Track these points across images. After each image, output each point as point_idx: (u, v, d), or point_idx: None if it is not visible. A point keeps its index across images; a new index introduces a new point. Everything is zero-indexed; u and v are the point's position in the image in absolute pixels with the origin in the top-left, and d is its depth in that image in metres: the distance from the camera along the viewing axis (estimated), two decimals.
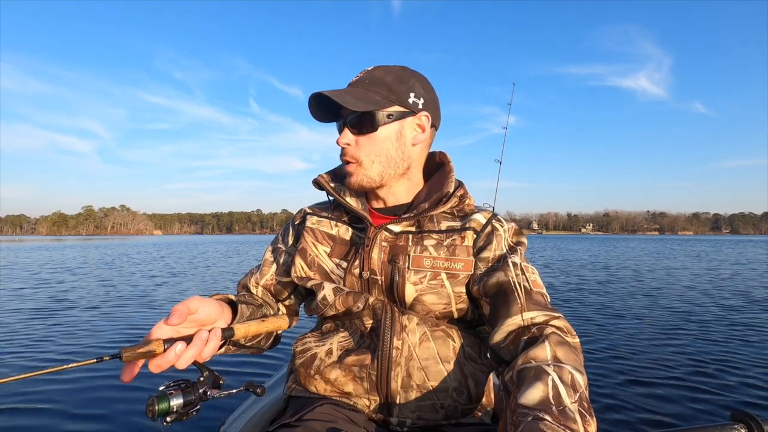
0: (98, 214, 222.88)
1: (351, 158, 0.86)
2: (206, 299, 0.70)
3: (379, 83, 0.84)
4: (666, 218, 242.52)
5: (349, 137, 0.84)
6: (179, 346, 0.61)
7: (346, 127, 0.84)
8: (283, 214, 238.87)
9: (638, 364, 3.37)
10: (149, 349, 0.59)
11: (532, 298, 0.75)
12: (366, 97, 0.82)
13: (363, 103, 0.81)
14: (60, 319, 4.99)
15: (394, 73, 0.86)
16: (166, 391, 0.61)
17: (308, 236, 0.92)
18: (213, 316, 0.70)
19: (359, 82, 0.85)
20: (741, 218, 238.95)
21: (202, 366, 0.65)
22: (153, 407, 0.59)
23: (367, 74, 0.85)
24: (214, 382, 0.64)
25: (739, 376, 3.08)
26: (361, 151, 0.85)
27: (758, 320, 5.03)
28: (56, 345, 3.89)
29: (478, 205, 0.95)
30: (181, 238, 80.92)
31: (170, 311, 0.63)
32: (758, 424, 0.53)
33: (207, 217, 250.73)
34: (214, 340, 0.66)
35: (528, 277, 0.78)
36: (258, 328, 0.75)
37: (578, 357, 0.66)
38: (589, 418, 0.57)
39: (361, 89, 0.84)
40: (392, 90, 0.84)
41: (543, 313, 0.72)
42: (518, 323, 0.72)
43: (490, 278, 0.79)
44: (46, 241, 52.79)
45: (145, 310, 5.67)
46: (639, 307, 5.86)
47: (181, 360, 0.62)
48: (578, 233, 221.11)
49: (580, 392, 0.60)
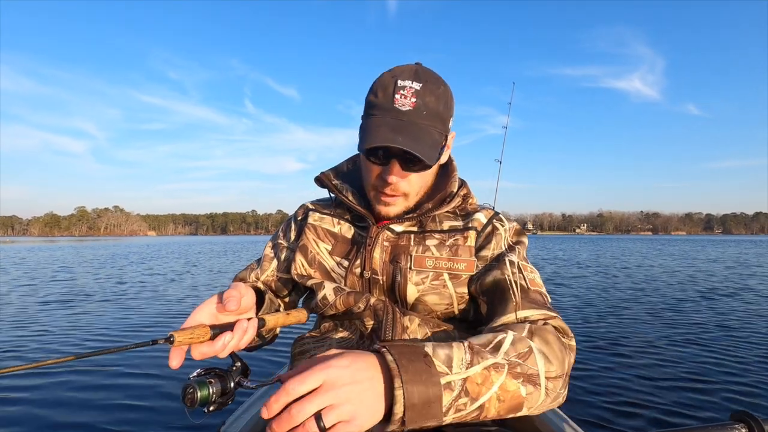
0: (91, 215, 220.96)
1: (400, 193, 0.81)
2: (248, 287, 0.71)
3: (434, 116, 0.78)
4: (659, 218, 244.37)
5: (401, 173, 0.79)
6: (227, 336, 0.61)
7: (398, 164, 0.78)
8: (278, 215, 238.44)
9: (638, 364, 3.37)
10: (199, 335, 0.59)
11: (528, 296, 0.74)
12: (429, 140, 0.77)
13: (429, 149, 0.76)
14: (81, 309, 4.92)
15: (443, 98, 0.80)
16: (205, 378, 0.58)
17: (310, 233, 0.91)
18: (250, 304, 0.71)
19: (414, 114, 0.76)
20: (733, 218, 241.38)
21: (236, 356, 0.64)
22: (193, 395, 0.56)
23: (419, 102, 0.76)
24: (244, 372, 0.63)
25: (739, 376, 3.08)
26: (411, 186, 0.82)
27: (758, 320, 5.03)
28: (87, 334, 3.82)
29: (482, 204, 0.94)
30: (176, 239, 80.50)
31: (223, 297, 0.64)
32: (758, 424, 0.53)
33: (201, 217, 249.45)
34: (252, 330, 0.66)
35: (525, 276, 0.77)
36: (284, 320, 0.76)
37: (558, 349, 0.65)
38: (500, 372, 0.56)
39: (421, 126, 0.77)
40: (444, 122, 0.80)
41: (539, 312, 0.71)
42: (512, 320, 0.71)
43: (487, 276, 0.79)
44: (39, 242, 52.41)
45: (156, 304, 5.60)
46: (638, 308, 5.85)
47: (225, 349, 0.62)
48: (573, 233, 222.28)
49: (521, 362, 0.59)
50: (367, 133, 0.76)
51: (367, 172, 0.84)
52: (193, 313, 0.63)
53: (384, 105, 0.77)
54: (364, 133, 0.77)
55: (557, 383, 0.62)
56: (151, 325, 4.83)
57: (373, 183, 0.83)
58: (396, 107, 0.76)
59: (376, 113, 0.77)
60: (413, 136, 0.75)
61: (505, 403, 0.57)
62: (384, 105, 0.77)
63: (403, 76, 0.78)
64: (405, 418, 0.49)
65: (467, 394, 0.54)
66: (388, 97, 0.77)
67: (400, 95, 0.76)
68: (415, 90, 0.76)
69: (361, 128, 0.80)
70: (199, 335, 0.59)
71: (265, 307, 0.77)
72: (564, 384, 0.64)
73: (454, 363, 0.54)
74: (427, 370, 0.52)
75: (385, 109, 0.77)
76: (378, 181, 0.81)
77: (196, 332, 0.59)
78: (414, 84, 0.77)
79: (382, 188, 0.81)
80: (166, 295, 7.21)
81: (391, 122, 0.75)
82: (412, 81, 0.77)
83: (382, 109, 0.77)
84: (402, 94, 0.76)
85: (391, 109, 0.76)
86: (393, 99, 0.76)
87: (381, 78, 0.80)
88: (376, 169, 0.80)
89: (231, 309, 0.62)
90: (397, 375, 0.50)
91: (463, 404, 0.53)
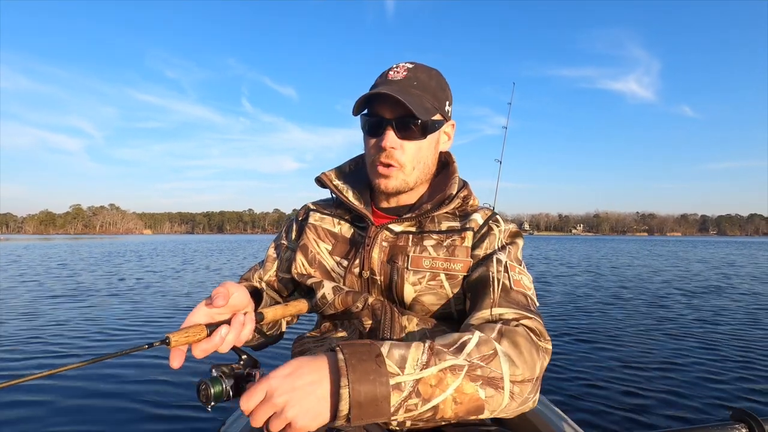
0: (87, 213, 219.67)
1: (395, 162, 0.83)
2: (239, 285, 0.72)
3: (425, 88, 0.82)
4: (655, 219, 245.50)
5: (395, 141, 0.81)
6: (223, 330, 0.62)
7: (392, 130, 0.81)
8: (275, 214, 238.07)
9: (638, 364, 3.38)
10: (195, 334, 0.60)
11: (509, 295, 0.74)
12: (421, 104, 0.80)
13: (423, 111, 0.79)
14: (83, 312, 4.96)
15: (436, 79, 0.85)
16: (219, 373, 0.61)
17: (311, 233, 0.92)
18: (245, 301, 0.71)
19: (405, 82, 0.82)
20: (728, 220, 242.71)
21: (239, 350, 0.66)
22: (207, 391, 0.58)
23: (411, 75, 0.83)
24: (254, 364, 0.64)
25: (739, 376, 3.10)
26: (406, 155, 0.83)
27: (758, 320, 5.07)
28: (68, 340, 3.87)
29: (483, 205, 0.95)
30: (172, 238, 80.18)
31: (211, 295, 0.65)
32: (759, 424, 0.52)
33: (198, 216, 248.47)
34: (250, 324, 0.67)
35: (511, 276, 0.77)
36: (283, 311, 0.77)
37: (527, 352, 0.64)
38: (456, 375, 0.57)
39: (413, 93, 0.81)
40: (436, 97, 0.84)
41: (515, 311, 0.71)
42: (486, 317, 0.71)
43: (474, 274, 0.80)
44: (34, 240, 52.06)
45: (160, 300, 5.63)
46: (638, 308, 5.88)
47: (224, 343, 0.62)
48: (569, 234, 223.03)
49: (483, 365, 0.59)
50: (361, 99, 0.82)
51: (366, 150, 0.88)
52: (190, 315, 0.64)
53: (379, 81, 0.85)
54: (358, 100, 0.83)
55: (525, 387, 0.62)
56: (147, 324, 4.86)
57: (371, 157, 0.85)
58: (389, 79, 0.83)
59: (372, 89, 0.83)
60: (403, 93, 0.79)
61: (462, 405, 0.57)
62: (379, 81, 0.85)
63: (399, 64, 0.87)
64: (350, 415, 0.52)
65: (419, 395, 0.55)
66: (383, 75, 0.85)
67: (393, 71, 0.84)
68: (408, 67, 0.84)
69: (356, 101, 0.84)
70: (195, 333, 0.60)
71: (264, 304, 0.78)
72: (534, 388, 0.64)
73: (408, 364, 0.55)
74: (376, 369, 0.53)
75: (380, 83, 0.84)
76: (374, 152, 0.84)
77: (191, 331, 0.60)
78: (406, 64, 0.85)
79: (379, 158, 0.83)
80: (164, 292, 7.22)
81: (383, 87, 0.81)
82: (407, 63, 0.86)
83: (377, 84, 0.85)
84: (395, 70, 0.84)
85: (384, 81, 0.83)
86: (387, 75, 0.84)
87: None
88: (372, 141, 0.84)
89: (219, 305, 0.63)
90: (344, 374, 0.52)
91: (414, 404, 0.55)
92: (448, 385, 0.56)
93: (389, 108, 0.81)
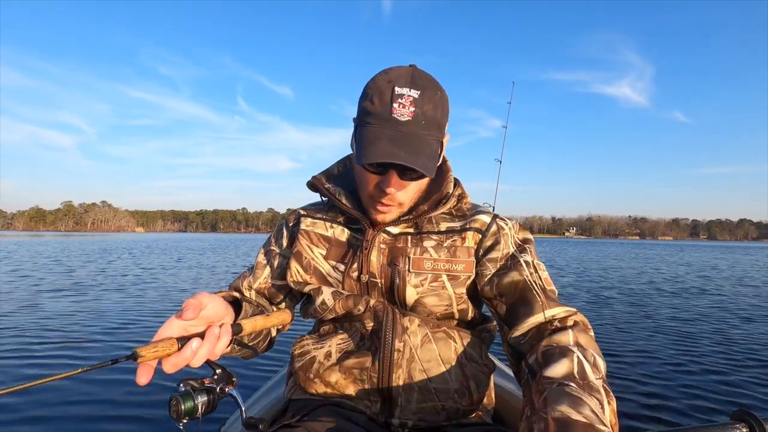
0: (78, 210, 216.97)
1: (397, 203, 0.81)
2: (213, 295, 0.69)
3: (432, 124, 0.77)
4: (647, 223, 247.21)
5: (399, 184, 0.78)
6: (194, 343, 0.60)
7: (396, 175, 0.77)
8: (269, 213, 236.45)
9: (638, 363, 3.37)
10: (164, 348, 0.57)
11: (548, 295, 0.75)
12: (428, 151, 0.76)
13: (429, 161, 0.76)
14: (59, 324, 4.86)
15: (441, 105, 0.79)
16: (189, 388, 0.59)
17: (303, 239, 0.90)
18: (221, 312, 0.69)
19: (413, 125, 0.74)
20: (718, 224, 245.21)
21: (214, 363, 0.63)
22: (178, 407, 0.57)
23: (418, 111, 0.75)
24: (228, 379, 0.63)
25: (739, 375, 3.08)
26: (407, 195, 0.81)
27: (758, 319, 5.08)
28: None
29: (477, 204, 0.94)
30: (164, 236, 79.36)
31: (182, 307, 0.62)
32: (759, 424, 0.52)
33: (191, 214, 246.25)
34: (225, 336, 0.65)
35: (541, 276, 0.78)
36: (264, 322, 0.75)
37: (597, 346, 0.67)
38: (611, 395, 0.57)
39: (420, 135, 0.75)
40: (440, 128, 0.79)
41: (563, 309, 0.73)
42: (540, 320, 0.72)
43: (503, 278, 0.79)
44: (23, 237, 51.30)
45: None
46: (638, 308, 5.89)
47: (196, 357, 0.60)
48: (562, 237, 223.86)
49: (603, 373, 0.61)
50: (366, 144, 0.74)
51: (362, 181, 0.82)
52: (162, 328, 0.61)
53: (382, 114, 0.74)
54: (363, 144, 0.75)
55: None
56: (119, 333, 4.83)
57: (369, 192, 0.81)
58: (394, 117, 0.74)
59: (373, 123, 0.75)
60: (413, 149, 0.73)
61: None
62: (382, 114, 0.74)
63: (400, 82, 0.75)
64: None
65: None
66: (385, 105, 0.74)
67: (398, 104, 0.74)
68: (413, 99, 0.75)
69: (358, 137, 0.77)
70: (165, 348, 0.57)
71: (243, 314, 0.76)
72: None
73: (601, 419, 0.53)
74: None
75: (383, 119, 0.74)
76: (375, 191, 0.80)
77: (160, 345, 0.57)
78: (412, 92, 0.75)
79: (379, 198, 0.80)
80: (150, 293, 7.18)
81: (390, 134, 0.74)
82: (410, 88, 0.75)
83: (379, 118, 0.75)
84: (400, 103, 0.74)
85: (389, 119, 0.74)
86: (391, 108, 0.74)
87: (376, 82, 0.77)
88: (373, 178, 0.79)
89: (188, 317, 0.60)
90: None
91: None
92: (615, 412, 0.56)
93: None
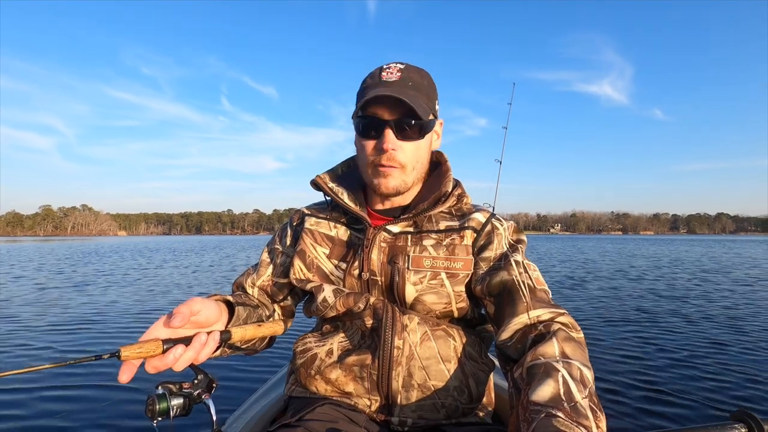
0: (57, 214, 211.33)
1: (397, 163, 0.83)
2: (207, 300, 0.70)
3: (419, 89, 0.83)
4: (629, 219, 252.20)
5: (395, 142, 0.81)
6: (179, 349, 0.61)
7: (392, 131, 0.81)
8: (255, 215, 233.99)
9: (638, 363, 3.38)
10: (148, 350, 0.58)
11: (536, 296, 0.75)
12: (419, 104, 0.80)
13: (423, 111, 0.80)
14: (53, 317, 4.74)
15: (427, 79, 0.86)
16: (165, 391, 0.60)
17: (307, 238, 0.92)
18: (212, 318, 0.70)
19: (401, 83, 0.81)
20: (697, 219, 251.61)
21: (198, 369, 0.64)
22: (153, 407, 0.58)
23: (404, 75, 0.83)
24: (208, 385, 0.64)
25: (739, 376, 3.08)
26: (406, 156, 0.83)
27: (758, 319, 5.07)
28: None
29: (477, 204, 0.94)
30: (147, 239, 78.02)
31: (172, 312, 0.63)
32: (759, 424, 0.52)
33: (175, 217, 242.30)
34: (211, 344, 0.66)
35: (531, 275, 0.78)
36: (254, 332, 0.76)
37: (584, 352, 0.67)
38: (599, 413, 0.57)
39: (409, 94, 0.80)
40: (429, 97, 0.84)
41: (548, 311, 0.73)
42: (525, 321, 0.72)
43: (494, 277, 0.80)
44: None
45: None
46: (638, 308, 5.89)
47: (179, 363, 0.61)
48: (547, 233, 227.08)
49: (589, 387, 0.60)
50: (361, 99, 0.81)
51: (362, 153, 0.86)
52: (150, 328, 0.62)
53: (372, 82, 0.84)
54: (358, 100, 0.83)
55: None
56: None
57: (369, 158, 0.84)
58: (383, 80, 0.82)
59: (366, 91, 0.82)
60: (402, 95, 0.78)
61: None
62: (372, 82, 0.84)
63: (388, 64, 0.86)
64: None
65: None
66: (375, 77, 0.84)
67: (386, 72, 0.83)
68: (400, 68, 0.84)
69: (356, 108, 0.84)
70: (149, 350, 0.58)
71: (236, 318, 0.77)
72: None
73: None
74: None
75: (374, 85, 0.83)
76: (374, 153, 0.83)
77: (145, 347, 0.58)
78: (398, 65, 0.85)
79: (379, 160, 0.82)
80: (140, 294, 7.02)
81: (381, 89, 0.80)
82: (396, 64, 0.85)
83: (371, 86, 0.83)
84: (388, 71, 0.83)
85: (379, 83, 0.82)
86: (380, 76, 0.83)
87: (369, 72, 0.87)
88: (371, 143, 0.83)
89: (175, 325, 0.62)
90: None
91: None
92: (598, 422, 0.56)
93: (387, 109, 0.80)
